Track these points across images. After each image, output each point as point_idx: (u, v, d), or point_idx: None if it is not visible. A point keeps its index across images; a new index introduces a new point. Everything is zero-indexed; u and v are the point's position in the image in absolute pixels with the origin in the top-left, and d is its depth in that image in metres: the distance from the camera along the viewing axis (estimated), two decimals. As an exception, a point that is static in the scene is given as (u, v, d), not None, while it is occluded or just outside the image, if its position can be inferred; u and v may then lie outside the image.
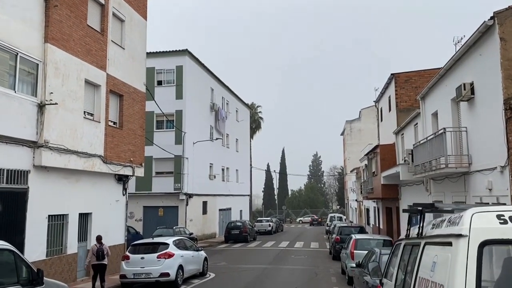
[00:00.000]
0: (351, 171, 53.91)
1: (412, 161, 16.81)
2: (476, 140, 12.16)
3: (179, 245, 15.33)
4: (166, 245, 14.53)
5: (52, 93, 13.16)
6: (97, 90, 16.04)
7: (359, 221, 46.13)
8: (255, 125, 67.41)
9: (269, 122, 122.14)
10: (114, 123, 17.35)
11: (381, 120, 30.18)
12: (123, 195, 18.15)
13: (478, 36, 11.25)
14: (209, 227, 35.84)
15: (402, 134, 22.33)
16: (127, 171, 17.79)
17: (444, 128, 12.86)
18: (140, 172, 18.93)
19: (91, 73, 15.43)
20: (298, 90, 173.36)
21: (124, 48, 17.91)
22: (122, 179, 17.87)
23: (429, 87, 16.26)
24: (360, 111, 62.71)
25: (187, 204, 30.94)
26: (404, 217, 22.57)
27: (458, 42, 21.99)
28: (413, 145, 16.86)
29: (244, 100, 50.09)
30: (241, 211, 46.64)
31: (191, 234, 27.68)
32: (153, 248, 14.62)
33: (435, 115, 16.29)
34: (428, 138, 14.59)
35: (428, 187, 17.14)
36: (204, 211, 34.73)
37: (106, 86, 16.40)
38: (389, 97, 26.17)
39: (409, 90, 24.24)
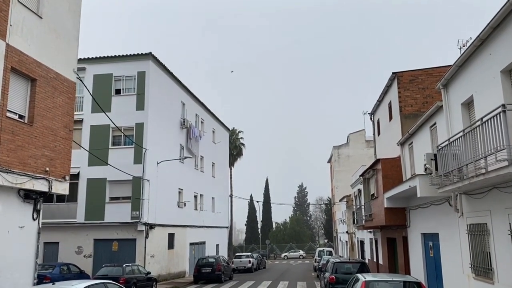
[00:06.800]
0: (340, 200, 49.02)
1: (436, 169, 12.13)
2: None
3: (98, 293, 10.09)
4: (71, 294, 9.29)
5: None
6: (-11, 64, 11.15)
7: (351, 255, 40.92)
8: (236, 151, 62.57)
9: (252, 152, 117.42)
10: (21, 116, 12.34)
11: (378, 134, 25.66)
12: (34, 219, 12.87)
13: None
14: (176, 265, 30.10)
15: (411, 143, 17.74)
16: (39, 186, 12.62)
17: (504, 105, 8.23)
18: (62, 188, 13.74)
19: (-25, 37, 10.58)
20: (282, 120, 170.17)
21: (41, 18, 13.13)
22: (31, 197, 12.67)
23: (458, 65, 11.78)
24: (348, 136, 58.55)
25: (147, 237, 25.43)
26: (415, 250, 17.71)
27: (463, 46, 17.82)
28: (437, 146, 12.19)
29: (224, 124, 45.40)
30: (217, 245, 40.93)
31: (148, 273, 22.25)
32: (53, 299, 9.36)
33: (466, 104, 11.76)
34: (466, 131, 9.99)
35: (458, 206, 12.37)
36: (171, 245, 29.13)
37: (4, 61, 11.50)
38: (390, 103, 21.77)
39: (415, 91, 19.88)
